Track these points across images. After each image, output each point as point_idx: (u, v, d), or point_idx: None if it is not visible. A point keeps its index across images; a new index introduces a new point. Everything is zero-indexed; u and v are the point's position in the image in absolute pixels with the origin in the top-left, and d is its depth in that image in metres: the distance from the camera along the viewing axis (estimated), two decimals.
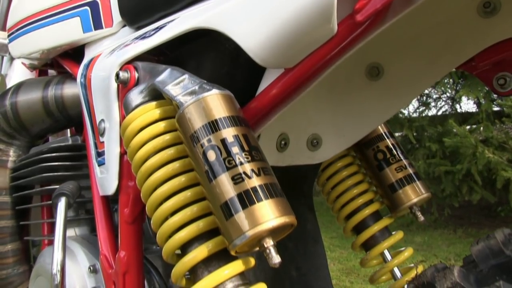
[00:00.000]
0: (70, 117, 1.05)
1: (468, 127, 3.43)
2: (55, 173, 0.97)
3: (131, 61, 0.71)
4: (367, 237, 0.87)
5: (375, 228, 0.87)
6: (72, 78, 1.02)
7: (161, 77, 0.63)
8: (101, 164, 0.78)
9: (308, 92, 0.81)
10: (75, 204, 1.04)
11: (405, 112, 3.94)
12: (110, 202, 0.86)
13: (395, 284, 0.85)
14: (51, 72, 1.23)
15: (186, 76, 0.62)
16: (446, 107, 4.03)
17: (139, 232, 0.73)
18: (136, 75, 0.69)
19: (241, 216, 0.50)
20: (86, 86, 0.84)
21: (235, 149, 0.52)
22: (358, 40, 0.55)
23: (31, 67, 1.21)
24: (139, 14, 0.81)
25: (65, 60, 1.06)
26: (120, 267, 0.72)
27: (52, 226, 1.08)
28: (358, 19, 0.52)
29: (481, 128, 3.33)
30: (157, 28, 0.73)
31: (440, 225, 3.68)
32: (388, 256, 0.87)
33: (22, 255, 1.12)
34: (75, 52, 1.04)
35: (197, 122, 0.55)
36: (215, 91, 0.57)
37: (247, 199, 0.50)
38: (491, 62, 0.72)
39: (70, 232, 1.00)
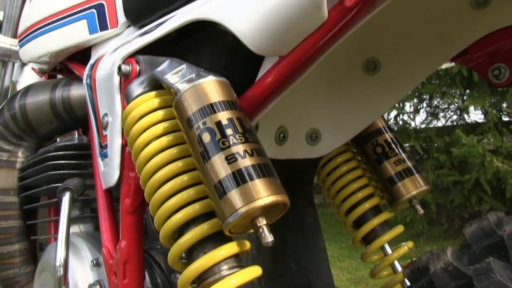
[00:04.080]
0: (77, 118, 1.08)
1: (476, 137, 3.41)
2: (61, 171, 0.99)
3: (133, 55, 0.73)
4: (367, 231, 0.87)
5: (375, 222, 0.87)
6: (79, 80, 1.05)
7: (160, 68, 0.66)
8: (104, 157, 0.80)
9: (306, 87, 0.83)
10: (80, 203, 1.06)
11: (412, 123, 3.94)
12: (113, 197, 0.88)
13: (395, 277, 0.85)
14: (60, 77, 1.26)
15: (184, 66, 0.64)
16: (455, 117, 4.01)
17: (140, 223, 0.75)
18: (138, 68, 0.71)
19: (234, 194, 0.51)
20: (91, 86, 0.87)
21: (229, 131, 0.54)
22: (349, 26, 0.57)
23: (41, 72, 1.24)
24: (142, 13, 0.84)
25: (73, 64, 1.09)
26: (121, 256, 0.73)
27: (58, 225, 1.10)
28: (347, 4, 0.54)
29: (490, 137, 3.31)
30: (157, 24, 0.75)
31: (450, 236, 3.63)
32: (389, 250, 0.87)
33: (29, 255, 1.14)
34: (83, 57, 1.07)
35: (193, 106, 0.57)
36: (211, 78, 0.59)
37: (240, 177, 0.51)
38: (485, 53, 0.74)
39: (75, 229, 1.02)
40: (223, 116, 0.55)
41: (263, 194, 0.51)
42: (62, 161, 1.00)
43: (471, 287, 0.50)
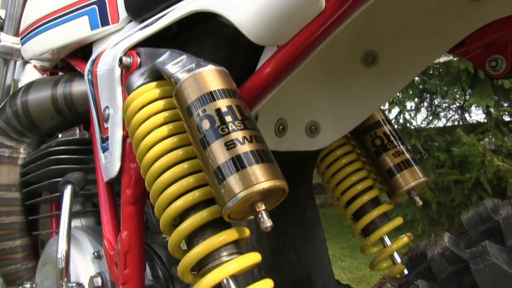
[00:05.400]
0: (79, 114, 1.08)
1: (476, 136, 3.41)
2: (63, 166, 1.00)
3: (133, 48, 0.74)
4: (367, 222, 0.88)
5: (375, 213, 0.88)
6: (81, 76, 1.06)
7: (161, 59, 0.67)
8: (105, 150, 0.81)
9: (306, 79, 0.84)
10: (82, 197, 1.07)
11: (414, 122, 3.95)
12: (114, 190, 0.88)
13: (394, 268, 0.86)
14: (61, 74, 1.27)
15: (184, 56, 0.65)
16: (456, 116, 4.02)
17: (141, 213, 0.75)
18: (138, 59, 0.72)
19: (232, 179, 0.52)
20: (92, 82, 0.88)
21: (228, 118, 0.55)
22: (346, 15, 0.57)
23: (42, 69, 1.25)
24: (142, 8, 0.85)
25: (74, 60, 1.10)
26: (121, 247, 0.74)
27: (60, 219, 1.11)
28: None
29: (491, 137, 3.31)
30: (158, 18, 0.76)
31: None
32: (388, 242, 0.88)
33: (30, 250, 1.15)
34: (84, 55, 1.08)
35: (193, 95, 0.57)
36: (210, 67, 0.60)
37: (239, 163, 0.52)
38: (482, 45, 0.74)
39: (77, 223, 1.03)
40: (223, 103, 0.56)
41: (262, 179, 0.51)
42: (64, 156, 1.00)
43: (468, 271, 0.51)
